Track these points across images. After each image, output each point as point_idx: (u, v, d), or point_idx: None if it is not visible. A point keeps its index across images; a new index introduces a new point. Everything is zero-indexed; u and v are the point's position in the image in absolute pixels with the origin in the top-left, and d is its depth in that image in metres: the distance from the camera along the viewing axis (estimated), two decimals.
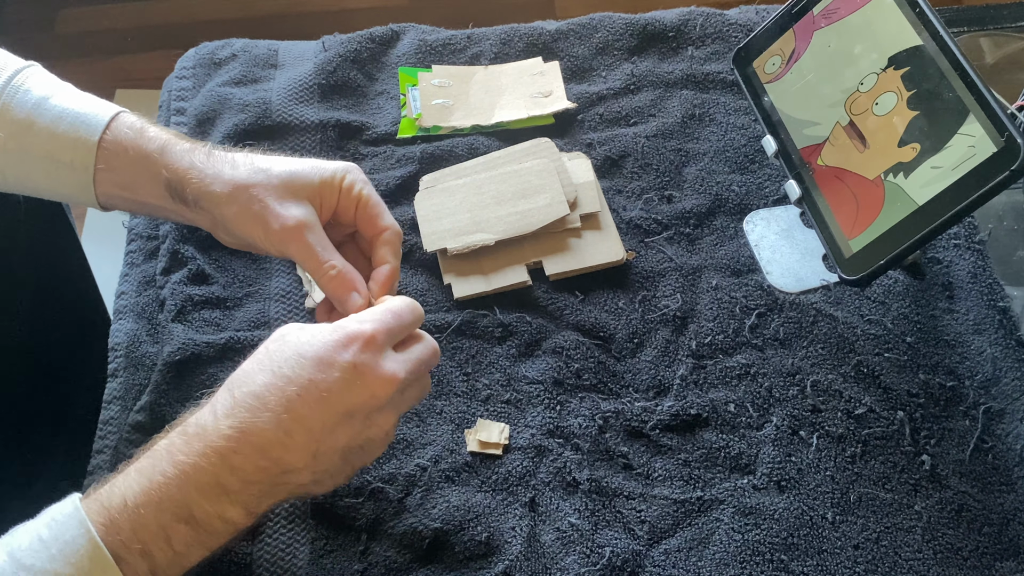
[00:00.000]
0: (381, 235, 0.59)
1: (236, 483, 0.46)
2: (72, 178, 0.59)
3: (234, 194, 0.56)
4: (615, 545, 0.60)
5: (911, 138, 0.62)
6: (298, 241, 0.56)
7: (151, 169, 0.58)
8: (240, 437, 0.46)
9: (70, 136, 0.58)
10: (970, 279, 0.71)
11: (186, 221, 0.61)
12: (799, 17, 0.73)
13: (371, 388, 0.48)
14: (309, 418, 0.47)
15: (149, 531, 0.45)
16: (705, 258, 0.74)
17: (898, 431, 0.64)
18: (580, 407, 0.66)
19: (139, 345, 0.69)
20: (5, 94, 0.59)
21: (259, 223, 0.56)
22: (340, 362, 0.48)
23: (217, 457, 0.46)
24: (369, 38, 0.87)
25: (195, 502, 0.46)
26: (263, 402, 0.47)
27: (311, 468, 0.48)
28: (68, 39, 1.84)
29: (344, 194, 0.58)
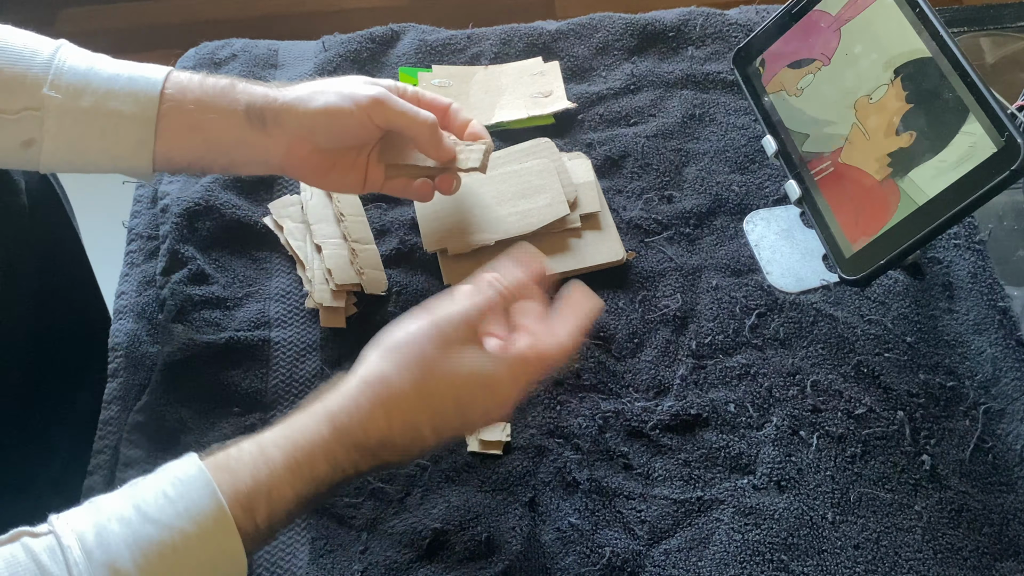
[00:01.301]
0: (449, 107, 0.67)
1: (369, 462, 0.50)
2: (131, 132, 0.60)
3: (319, 88, 0.62)
4: (615, 545, 0.60)
5: (907, 127, 0.63)
6: (391, 101, 0.62)
7: (225, 99, 0.61)
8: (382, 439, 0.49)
9: (129, 89, 0.60)
10: (970, 279, 0.71)
11: (256, 154, 0.63)
12: (799, 17, 0.73)
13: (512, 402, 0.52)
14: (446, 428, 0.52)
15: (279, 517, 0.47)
16: (705, 258, 0.74)
17: (898, 431, 0.64)
18: (580, 407, 0.66)
19: (139, 345, 0.69)
20: (55, 64, 0.59)
21: (351, 99, 0.61)
22: (504, 382, 0.51)
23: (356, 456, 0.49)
24: (369, 38, 0.87)
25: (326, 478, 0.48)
26: (418, 431, 0.50)
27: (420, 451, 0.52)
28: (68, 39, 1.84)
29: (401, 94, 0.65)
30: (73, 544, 0.43)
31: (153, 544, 0.43)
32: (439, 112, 0.66)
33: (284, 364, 0.68)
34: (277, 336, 0.69)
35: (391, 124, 0.63)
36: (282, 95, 0.62)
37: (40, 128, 0.59)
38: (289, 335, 0.69)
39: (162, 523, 0.44)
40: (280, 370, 0.68)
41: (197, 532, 0.44)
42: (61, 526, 0.44)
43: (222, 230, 0.74)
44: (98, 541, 0.43)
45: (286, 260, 0.74)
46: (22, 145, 0.59)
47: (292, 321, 0.70)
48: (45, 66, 0.59)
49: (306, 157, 0.63)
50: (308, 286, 0.71)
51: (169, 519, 0.44)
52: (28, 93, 0.58)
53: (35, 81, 0.59)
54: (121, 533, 0.43)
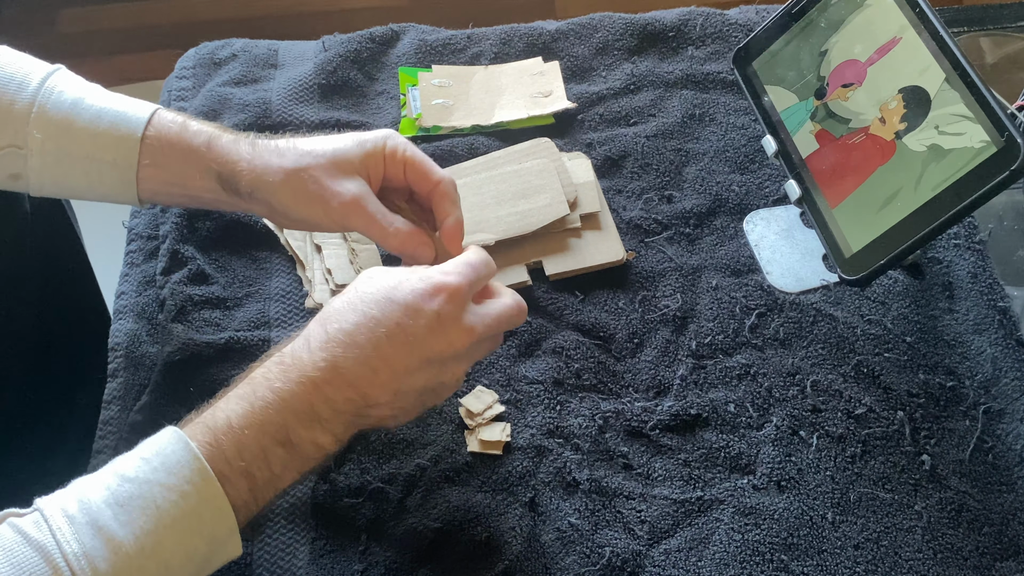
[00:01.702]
0: (436, 188, 0.61)
1: (327, 411, 0.50)
2: (113, 176, 0.60)
3: (287, 180, 0.59)
4: (615, 545, 0.59)
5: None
6: (357, 213, 0.59)
7: (200, 164, 0.60)
8: (332, 370, 0.50)
9: (111, 134, 0.59)
10: (970, 279, 0.71)
11: (240, 210, 0.64)
12: (799, 17, 0.73)
13: (450, 338, 0.52)
14: (394, 359, 0.51)
15: (250, 451, 0.48)
16: (705, 258, 0.74)
17: (898, 431, 0.64)
18: (580, 407, 0.66)
19: (139, 345, 0.69)
20: (40, 96, 0.59)
21: (317, 203, 0.59)
22: (427, 311, 0.51)
23: (312, 386, 0.50)
24: (369, 38, 0.87)
25: (292, 427, 0.49)
26: (353, 340, 0.50)
27: (391, 404, 0.52)
28: (68, 39, 1.84)
29: (389, 160, 0.61)
30: (56, 513, 0.44)
31: (134, 499, 0.45)
32: (426, 186, 0.61)
33: None
34: (277, 336, 0.69)
35: (357, 231, 0.61)
36: (255, 170, 0.60)
37: (25, 165, 0.59)
38: (289, 335, 0.69)
39: (139, 480, 0.46)
40: None
41: (175, 482, 0.46)
42: (45, 503, 0.45)
43: (222, 230, 0.74)
44: (80, 507, 0.44)
45: (286, 260, 0.74)
46: (9, 177, 0.60)
47: (292, 321, 0.70)
48: (31, 98, 0.59)
49: (286, 224, 0.64)
50: (308, 286, 0.71)
51: (146, 475, 0.46)
52: (12, 128, 0.59)
53: (20, 115, 0.59)
54: (102, 495, 0.45)
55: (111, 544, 0.44)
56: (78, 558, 0.43)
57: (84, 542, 0.43)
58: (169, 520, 0.45)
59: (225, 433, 0.48)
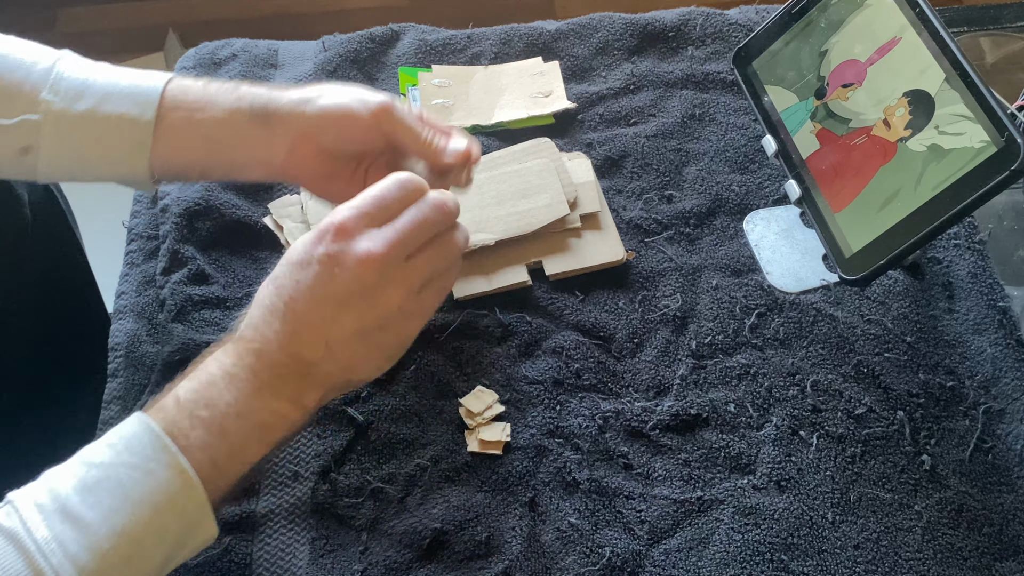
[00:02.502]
0: (451, 131, 0.64)
1: (271, 377, 0.50)
2: (129, 136, 0.60)
3: (327, 89, 0.62)
4: (615, 545, 0.60)
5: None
6: (398, 112, 0.61)
7: (229, 96, 0.61)
8: (262, 340, 0.51)
9: (128, 94, 0.60)
10: (970, 279, 0.71)
11: (258, 155, 0.62)
12: (799, 17, 0.73)
13: (351, 272, 0.51)
14: (306, 313, 0.51)
15: (203, 423, 0.49)
16: (705, 258, 0.74)
17: (898, 431, 0.64)
18: (580, 407, 0.66)
19: (139, 345, 0.69)
20: (54, 72, 0.59)
21: (360, 101, 0.61)
22: (316, 256, 0.51)
23: (251, 356, 0.50)
24: (369, 38, 0.87)
25: (240, 398, 0.50)
26: (268, 309, 0.51)
27: (331, 358, 0.51)
28: (68, 39, 1.84)
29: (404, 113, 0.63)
30: (26, 503, 0.45)
31: (100, 483, 0.46)
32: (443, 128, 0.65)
33: None
34: None
35: (396, 134, 0.61)
36: (287, 94, 0.62)
37: (37, 134, 0.59)
38: None
39: (105, 464, 0.46)
40: None
41: (138, 461, 0.46)
42: (16, 495, 0.46)
43: (222, 230, 0.74)
44: (50, 495, 0.45)
45: None
46: (19, 152, 0.60)
47: None
48: (44, 73, 0.59)
49: (309, 158, 0.62)
50: None
51: (111, 459, 0.47)
52: (26, 99, 0.59)
53: (34, 88, 0.59)
54: (70, 483, 0.46)
55: (80, 526, 0.44)
56: (48, 542, 0.43)
57: (54, 527, 0.44)
58: (137, 498, 0.46)
59: (176, 409, 0.49)
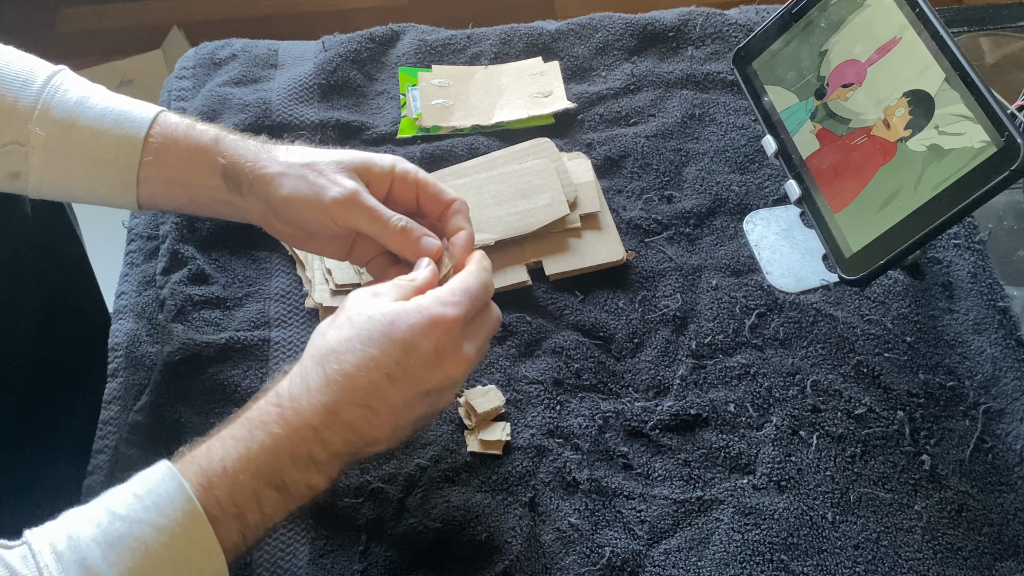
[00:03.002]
0: (450, 207, 0.61)
1: (325, 455, 0.50)
2: (114, 176, 0.60)
3: (288, 171, 0.59)
4: (615, 545, 0.59)
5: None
6: (358, 205, 0.58)
7: (206, 158, 0.60)
8: (332, 415, 0.49)
9: (114, 133, 0.59)
10: (970, 279, 0.71)
11: (238, 213, 0.62)
12: (799, 17, 0.73)
13: (448, 370, 0.52)
14: (394, 398, 0.51)
15: (244, 495, 0.48)
16: (705, 258, 0.74)
17: (898, 431, 0.64)
18: (580, 407, 0.66)
19: (139, 345, 0.69)
20: (44, 95, 0.59)
21: (315, 195, 0.58)
22: (425, 348, 0.51)
23: (311, 432, 0.49)
24: (369, 38, 0.87)
25: (287, 471, 0.49)
26: (354, 382, 0.50)
27: (390, 439, 0.52)
28: (68, 39, 1.84)
29: (400, 180, 0.60)
30: (44, 549, 0.43)
31: (123, 539, 0.44)
32: (438, 208, 0.61)
33: (284, 364, 0.68)
34: (277, 336, 0.69)
35: (356, 228, 0.59)
36: (259, 163, 0.59)
37: (26, 163, 0.59)
38: (289, 335, 0.69)
39: (131, 519, 0.45)
40: (280, 370, 0.68)
41: (166, 523, 0.45)
42: (34, 536, 0.45)
43: (222, 230, 0.74)
44: (69, 544, 0.44)
45: (286, 260, 0.74)
46: (9, 176, 0.60)
47: (292, 321, 0.70)
48: (35, 97, 0.59)
49: (281, 229, 0.61)
50: (308, 286, 0.71)
51: (137, 514, 0.45)
52: (15, 126, 0.58)
53: (23, 113, 0.58)
54: (91, 533, 0.44)
55: None
56: None
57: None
58: (158, 562, 0.45)
59: (219, 476, 0.47)
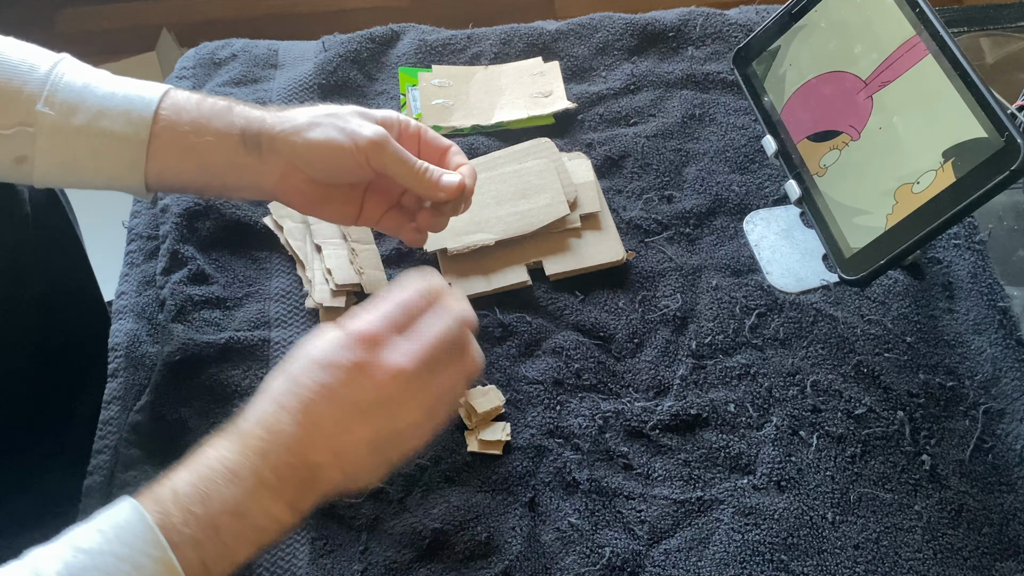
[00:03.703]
0: (449, 150, 0.64)
1: (274, 479, 0.49)
2: (123, 152, 0.59)
3: (316, 120, 0.60)
4: (615, 545, 0.59)
5: None
6: (390, 146, 0.60)
7: (222, 121, 0.60)
8: (270, 438, 0.49)
9: (123, 109, 0.59)
10: (970, 279, 0.71)
11: (250, 180, 0.61)
12: (799, 17, 0.73)
13: (377, 383, 0.50)
14: (324, 417, 0.49)
15: (198, 520, 0.47)
16: (705, 258, 0.74)
17: (898, 431, 0.64)
18: (580, 407, 0.66)
19: (139, 345, 0.69)
20: (51, 79, 0.59)
21: (349, 137, 0.59)
22: (344, 362, 0.50)
23: (254, 454, 0.49)
24: (369, 38, 0.87)
25: (239, 496, 0.48)
26: (282, 406, 0.50)
27: (337, 465, 0.50)
28: (68, 39, 1.84)
29: (403, 129, 0.63)
30: None
31: (86, 570, 0.44)
32: (438, 153, 0.65)
33: None
34: (277, 336, 0.69)
35: (386, 169, 0.60)
36: (279, 121, 0.60)
37: (33, 145, 0.59)
38: (289, 335, 0.69)
39: (93, 551, 0.45)
40: None
41: (128, 552, 0.45)
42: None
43: (222, 230, 0.74)
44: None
45: (286, 260, 0.74)
46: (15, 161, 0.59)
47: (292, 321, 0.70)
48: (41, 82, 0.59)
49: (299, 186, 0.62)
50: (308, 286, 0.71)
51: (100, 546, 0.45)
52: (22, 109, 0.58)
53: (30, 97, 0.58)
54: (55, 567, 0.44)
55: None
56: None
57: None
58: None
59: (172, 502, 0.47)
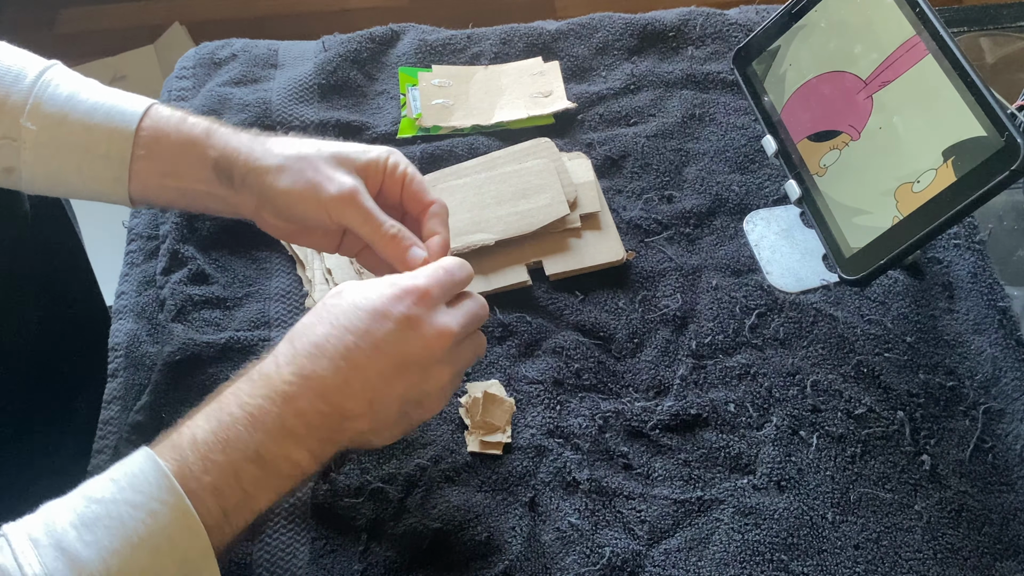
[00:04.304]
0: (428, 209, 0.60)
1: (300, 426, 0.48)
2: (105, 170, 0.59)
3: (286, 164, 0.58)
4: (615, 545, 0.60)
5: None
6: (355, 205, 0.57)
7: (196, 151, 0.59)
8: (302, 383, 0.48)
9: (105, 127, 0.59)
10: (970, 279, 0.71)
11: (228, 208, 0.61)
12: (799, 17, 0.73)
13: (424, 340, 0.50)
14: (366, 366, 0.49)
15: (218, 467, 0.46)
16: (705, 258, 0.74)
17: (898, 431, 0.64)
18: (580, 407, 0.66)
19: (139, 345, 0.69)
20: (36, 90, 0.59)
21: (313, 189, 0.57)
22: (395, 314, 0.49)
23: (282, 400, 0.48)
24: (369, 38, 0.87)
25: (262, 442, 0.47)
26: (322, 350, 0.49)
27: (368, 416, 0.50)
28: (68, 39, 1.84)
29: (389, 174, 0.60)
30: (20, 537, 0.43)
31: (100, 519, 0.44)
32: (417, 208, 0.61)
33: None
34: (277, 336, 0.69)
35: (351, 227, 0.58)
36: (252, 157, 0.59)
37: (18, 158, 0.59)
38: None
39: (107, 500, 0.44)
40: None
41: (142, 500, 0.44)
42: (11, 528, 0.44)
43: (222, 230, 0.74)
44: (45, 530, 0.43)
45: (286, 260, 0.74)
46: (3, 171, 0.60)
47: (292, 321, 0.70)
48: (26, 92, 0.59)
49: (272, 221, 0.61)
50: (308, 286, 0.71)
51: (113, 495, 0.45)
52: (7, 121, 0.58)
53: (14, 108, 0.58)
54: (68, 518, 0.44)
55: (76, 564, 0.42)
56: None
57: (47, 563, 0.42)
58: (137, 539, 0.43)
59: (191, 449, 0.46)
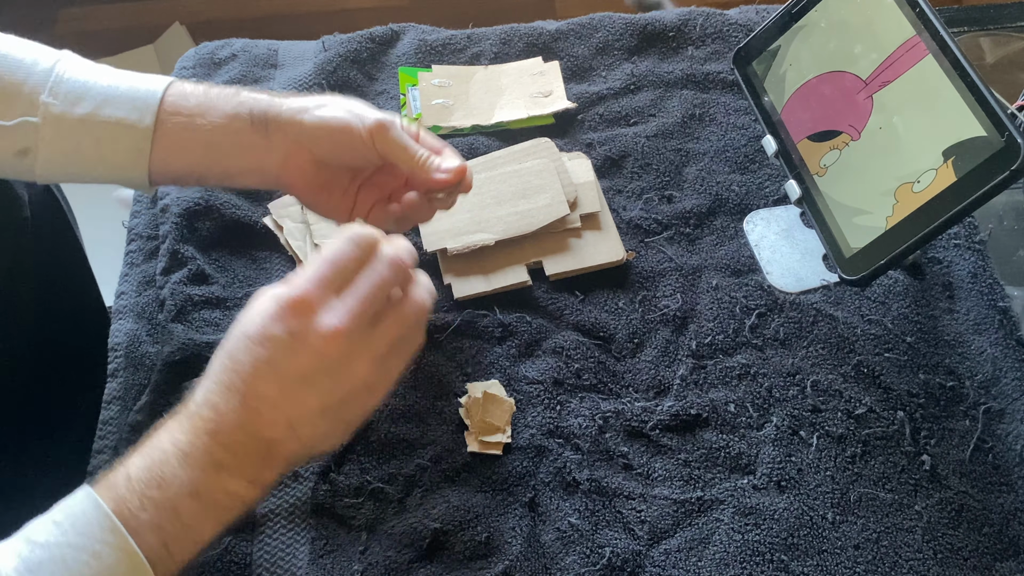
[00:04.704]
0: (443, 150, 0.64)
1: (229, 458, 0.48)
2: (127, 141, 0.59)
3: (324, 101, 0.61)
4: (615, 545, 0.60)
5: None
6: (396, 130, 0.61)
7: (230, 102, 0.61)
8: (219, 419, 0.48)
9: (128, 97, 0.59)
10: (970, 279, 0.71)
11: (253, 161, 0.61)
12: (799, 17, 0.73)
13: (314, 349, 0.48)
14: (270, 392, 0.48)
15: (155, 504, 0.46)
16: (705, 258, 0.74)
17: (898, 431, 0.64)
18: (580, 407, 0.66)
19: (139, 345, 0.69)
20: (54, 74, 0.59)
21: (356, 117, 0.60)
22: (277, 334, 0.48)
23: (206, 435, 0.48)
24: (369, 38, 0.87)
25: (196, 477, 0.47)
26: (226, 386, 0.48)
27: (294, 437, 0.49)
28: (68, 39, 1.84)
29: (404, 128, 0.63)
30: None
31: (43, 564, 0.43)
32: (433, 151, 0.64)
33: None
34: None
35: (389, 152, 0.61)
36: (287, 102, 0.61)
37: (36, 137, 0.58)
38: None
39: (50, 544, 0.44)
40: None
41: (85, 542, 0.44)
42: None
43: (222, 230, 0.74)
44: None
45: (286, 260, 0.74)
46: (17, 154, 0.59)
47: None
48: (45, 75, 0.59)
49: (303, 167, 0.61)
50: None
51: (56, 538, 0.44)
52: (26, 101, 0.58)
53: (33, 89, 0.58)
54: (12, 563, 0.43)
55: None
56: None
57: None
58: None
59: (126, 487, 0.46)
